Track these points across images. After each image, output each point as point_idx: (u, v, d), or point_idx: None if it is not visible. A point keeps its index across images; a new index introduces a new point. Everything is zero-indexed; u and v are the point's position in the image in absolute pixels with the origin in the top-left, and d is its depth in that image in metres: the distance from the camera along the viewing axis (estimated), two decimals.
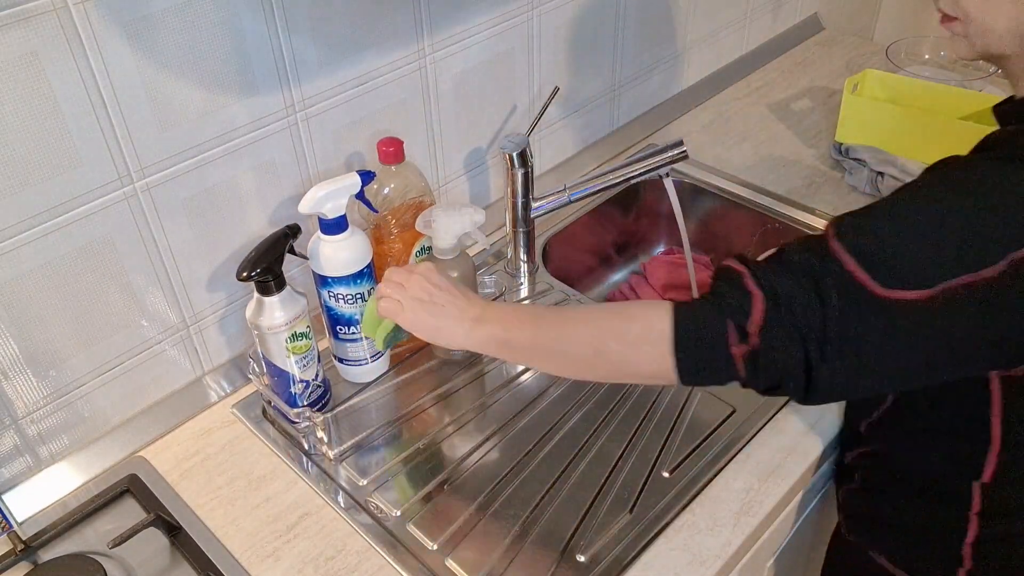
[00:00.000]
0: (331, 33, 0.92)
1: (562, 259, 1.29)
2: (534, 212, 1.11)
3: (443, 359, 1.03)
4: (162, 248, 0.89)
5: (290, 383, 0.90)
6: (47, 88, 0.74)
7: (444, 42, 1.05)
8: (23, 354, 0.82)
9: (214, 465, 0.92)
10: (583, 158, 1.38)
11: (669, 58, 1.46)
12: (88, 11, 0.73)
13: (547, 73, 1.23)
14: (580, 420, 0.95)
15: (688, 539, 0.82)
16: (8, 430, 0.85)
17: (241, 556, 0.82)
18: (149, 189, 0.85)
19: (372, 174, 0.91)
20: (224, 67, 0.85)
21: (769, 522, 0.88)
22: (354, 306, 0.92)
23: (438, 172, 1.15)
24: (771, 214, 1.27)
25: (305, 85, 0.93)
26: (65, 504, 0.88)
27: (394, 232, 0.98)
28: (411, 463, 0.90)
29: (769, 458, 0.90)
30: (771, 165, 1.36)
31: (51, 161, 0.77)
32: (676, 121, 1.51)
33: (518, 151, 1.05)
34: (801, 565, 1.13)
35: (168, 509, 0.86)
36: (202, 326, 0.97)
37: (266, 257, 0.84)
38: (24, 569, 0.81)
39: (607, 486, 0.87)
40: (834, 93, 1.55)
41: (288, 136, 0.94)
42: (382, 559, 0.81)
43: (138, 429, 0.94)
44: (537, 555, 0.81)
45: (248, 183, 0.93)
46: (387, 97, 1.02)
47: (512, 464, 0.90)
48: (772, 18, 1.67)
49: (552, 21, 1.19)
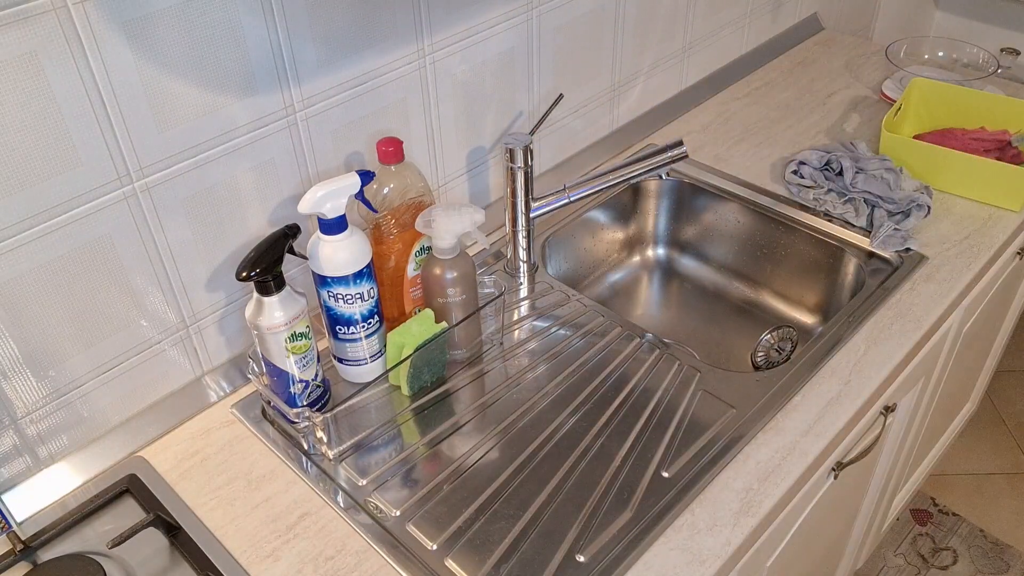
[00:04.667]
0: (331, 33, 0.92)
1: (562, 259, 1.29)
2: (534, 212, 1.11)
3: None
4: (161, 248, 0.89)
5: (289, 383, 0.90)
6: (46, 88, 0.74)
7: (444, 42, 1.05)
8: (22, 354, 0.82)
9: (213, 465, 0.92)
10: (583, 158, 1.38)
11: (669, 58, 1.45)
12: (87, 11, 0.73)
13: (547, 73, 1.23)
14: (580, 420, 0.95)
15: (688, 539, 0.82)
16: (7, 430, 0.84)
17: (240, 556, 0.82)
18: (148, 189, 0.85)
19: (372, 174, 0.91)
20: (223, 67, 0.85)
21: (769, 522, 0.88)
22: (353, 306, 0.92)
23: (438, 172, 1.15)
24: (771, 214, 1.27)
25: (305, 85, 0.93)
26: (64, 504, 0.88)
27: (394, 232, 0.98)
28: (411, 463, 0.90)
29: (769, 458, 0.90)
30: (771, 165, 1.36)
31: (50, 161, 0.76)
32: (676, 121, 1.51)
33: (521, 149, 1.05)
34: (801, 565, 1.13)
35: (167, 509, 0.86)
36: (201, 326, 0.97)
37: (266, 257, 0.84)
38: (23, 569, 0.81)
39: (607, 486, 0.87)
40: (833, 93, 1.55)
41: (288, 136, 0.94)
42: (381, 559, 0.81)
43: (137, 429, 0.94)
44: (537, 555, 0.81)
45: (248, 183, 0.93)
46: (387, 97, 1.02)
47: (512, 464, 0.90)
48: (772, 18, 1.67)
49: (552, 21, 1.18)
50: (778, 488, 0.87)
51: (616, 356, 1.03)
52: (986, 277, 1.22)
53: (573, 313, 1.09)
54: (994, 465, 2.02)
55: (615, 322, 1.08)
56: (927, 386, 1.32)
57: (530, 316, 1.09)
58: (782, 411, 0.95)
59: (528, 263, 1.15)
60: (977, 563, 1.82)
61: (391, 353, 0.95)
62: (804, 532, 1.08)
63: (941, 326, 1.16)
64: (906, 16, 2.17)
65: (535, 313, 1.10)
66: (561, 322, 1.08)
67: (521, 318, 1.09)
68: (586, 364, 1.02)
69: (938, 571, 1.81)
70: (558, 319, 1.09)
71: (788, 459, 0.89)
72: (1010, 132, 1.30)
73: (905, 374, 1.11)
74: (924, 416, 1.43)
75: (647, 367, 1.01)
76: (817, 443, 0.91)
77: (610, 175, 1.10)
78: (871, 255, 1.18)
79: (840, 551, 1.47)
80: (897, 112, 1.34)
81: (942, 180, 1.26)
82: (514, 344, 1.05)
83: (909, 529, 1.89)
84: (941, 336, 1.21)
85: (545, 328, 1.07)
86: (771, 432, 0.92)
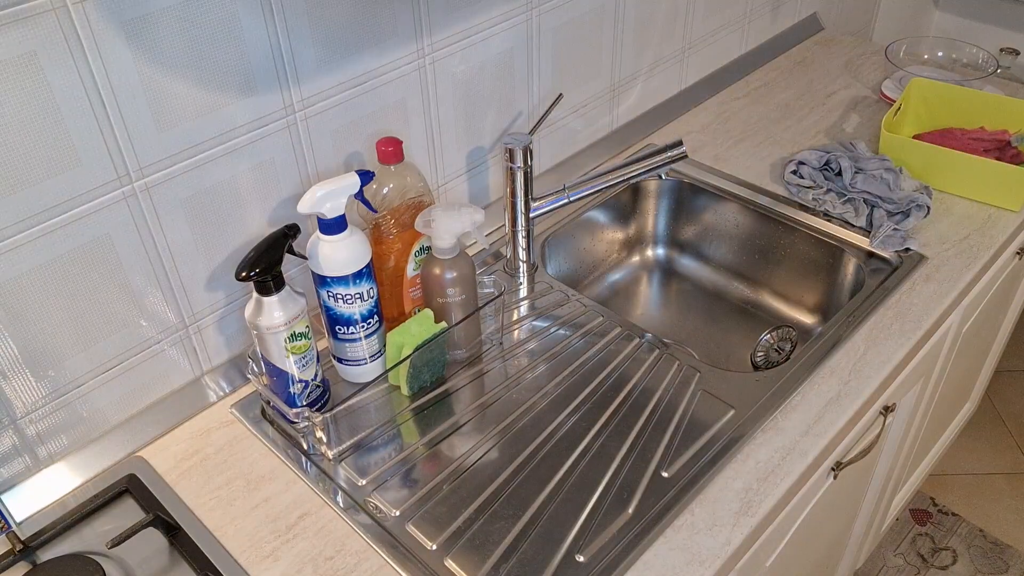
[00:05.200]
0: (330, 32, 0.92)
1: (562, 259, 1.29)
2: (534, 212, 1.11)
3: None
4: (161, 248, 0.89)
5: (289, 383, 0.90)
6: (46, 88, 0.74)
7: (443, 42, 1.05)
8: (22, 354, 0.82)
9: (213, 465, 0.91)
10: (583, 158, 1.38)
11: (669, 58, 1.46)
12: (87, 11, 0.73)
13: (546, 73, 1.23)
14: (580, 420, 0.95)
15: (687, 539, 0.82)
16: (7, 430, 0.84)
17: (240, 556, 0.82)
18: (148, 189, 0.85)
19: (371, 174, 0.91)
20: (223, 67, 0.85)
21: (769, 522, 0.88)
22: (353, 306, 0.92)
23: (437, 172, 1.15)
24: (771, 214, 1.27)
25: (304, 85, 0.93)
26: (64, 504, 0.88)
27: (393, 232, 0.98)
28: (410, 463, 0.90)
29: (769, 458, 0.90)
30: (770, 165, 1.36)
31: (50, 161, 0.76)
32: (676, 121, 1.51)
33: (521, 149, 1.05)
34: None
35: (167, 509, 0.86)
36: (201, 326, 0.97)
37: (265, 257, 0.84)
38: (23, 569, 0.81)
39: (607, 486, 0.87)
40: (833, 93, 1.55)
41: (287, 136, 0.94)
42: (381, 559, 0.81)
43: (137, 429, 0.94)
44: (537, 555, 0.81)
45: (247, 183, 0.93)
46: (386, 97, 1.02)
47: (512, 464, 0.90)
48: (771, 18, 1.67)
49: (552, 21, 1.18)
50: (778, 488, 0.87)
51: (616, 356, 1.03)
52: (985, 277, 1.22)
53: (573, 313, 1.09)
54: (994, 465, 2.02)
55: (615, 322, 1.08)
56: (927, 386, 1.32)
57: (530, 316, 1.09)
58: (782, 411, 0.95)
59: (528, 263, 1.15)
60: (977, 563, 1.82)
61: (391, 353, 0.95)
62: (804, 532, 1.08)
63: (941, 326, 1.16)
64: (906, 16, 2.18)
65: (535, 313, 1.10)
66: (561, 322, 1.08)
67: (521, 318, 1.09)
68: (586, 364, 1.02)
69: (938, 571, 1.81)
70: (558, 319, 1.09)
71: (788, 459, 0.89)
72: (1009, 132, 1.30)
73: (905, 374, 1.11)
74: (924, 416, 1.43)
75: (647, 367, 1.01)
76: (817, 443, 0.91)
77: (610, 175, 1.10)
78: (871, 255, 1.18)
79: (840, 551, 1.47)
80: (896, 112, 1.34)
81: (942, 180, 1.26)
82: (514, 344, 1.05)
83: (909, 529, 1.89)
84: (940, 336, 1.21)
85: (545, 328, 1.07)
86: (771, 432, 0.92)
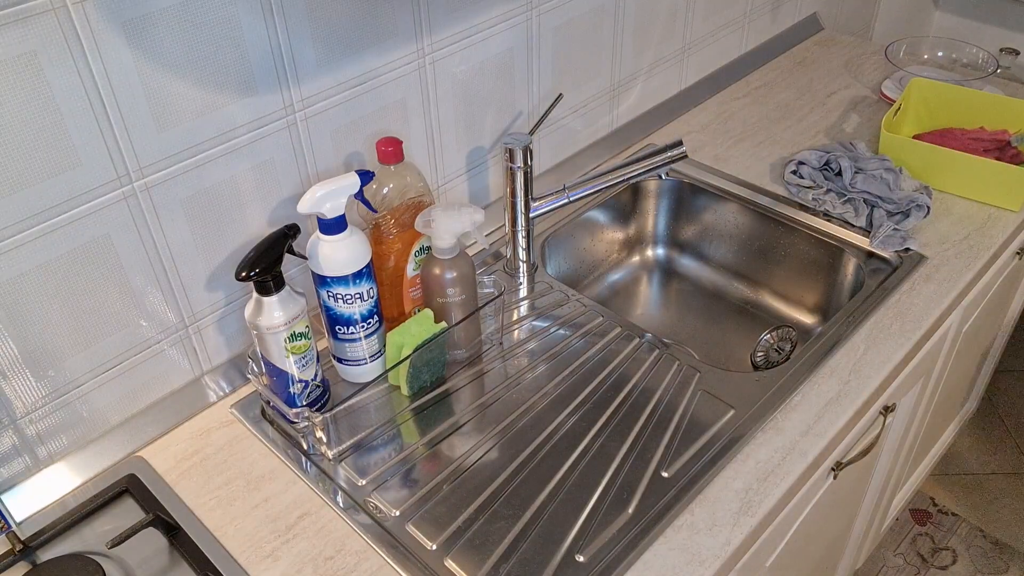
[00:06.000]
0: (330, 32, 0.92)
1: (562, 259, 1.29)
2: (533, 212, 1.11)
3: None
4: (161, 248, 0.89)
5: (289, 383, 0.90)
6: (46, 88, 0.74)
7: (443, 42, 1.05)
8: (22, 354, 0.82)
9: (213, 465, 0.91)
10: (583, 158, 1.38)
11: (669, 58, 1.45)
12: (87, 11, 0.73)
13: (546, 73, 1.23)
14: (580, 420, 0.95)
15: (687, 539, 0.82)
16: (7, 430, 0.84)
17: (240, 556, 0.82)
18: (148, 189, 0.85)
19: (371, 174, 0.91)
20: (223, 66, 0.85)
21: (768, 522, 0.88)
22: (353, 306, 0.92)
23: (437, 172, 1.15)
24: (771, 214, 1.27)
25: (304, 85, 0.93)
26: (64, 504, 0.88)
27: (393, 232, 0.98)
28: (410, 463, 0.90)
29: (768, 458, 0.90)
30: (770, 165, 1.36)
31: (49, 161, 0.76)
32: (676, 121, 1.51)
33: (521, 149, 1.05)
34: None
35: (167, 509, 0.86)
36: (201, 326, 0.97)
37: (265, 257, 0.84)
38: (23, 569, 0.81)
39: (607, 486, 0.87)
40: (833, 93, 1.55)
41: (287, 136, 0.94)
42: (381, 559, 0.81)
43: (137, 429, 0.94)
44: (537, 555, 0.81)
45: (247, 183, 0.93)
46: (386, 97, 1.02)
47: (512, 464, 0.90)
48: (771, 18, 1.67)
49: (552, 21, 1.18)
50: (778, 488, 0.87)
51: (616, 356, 1.03)
52: (985, 277, 1.22)
53: (573, 313, 1.09)
54: (994, 465, 2.02)
55: (614, 322, 1.08)
56: (927, 386, 1.32)
57: (530, 316, 1.09)
58: (781, 411, 0.95)
59: (528, 263, 1.15)
60: (976, 563, 1.82)
61: (390, 353, 0.95)
62: (804, 532, 1.08)
63: (940, 326, 1.16)
64: (905, 16, 2.18)
65: (535, 313, 1.10)
66: (561, 322, 1.08)
67: (521, 318, 1.09)
68: (586, 364, 1.02)
69: (937, 571, 1.81)
70: (558, 319, 1.09)
71: (788, 459, 0.89)
72: (1009, 132, 1.30)
73: (904, 374, 1.11)
74: (923, 416, 1.43)
75: (647, 367, 1.01)
76: (817, 443, 0.91)
77: (610, 175, 1.10)
78: (870, 255, 1.18)
79: (840, 551, 1.47)
80: (896, 112, 1.34)
81: (941, 180, 1.26)
82: (514, 344, 1.05)
83: (909, 529, 1.89)
84: (940, 336, 1.21)
85: (545, 328, 1.07)
86: (771, 432, 0.92)
